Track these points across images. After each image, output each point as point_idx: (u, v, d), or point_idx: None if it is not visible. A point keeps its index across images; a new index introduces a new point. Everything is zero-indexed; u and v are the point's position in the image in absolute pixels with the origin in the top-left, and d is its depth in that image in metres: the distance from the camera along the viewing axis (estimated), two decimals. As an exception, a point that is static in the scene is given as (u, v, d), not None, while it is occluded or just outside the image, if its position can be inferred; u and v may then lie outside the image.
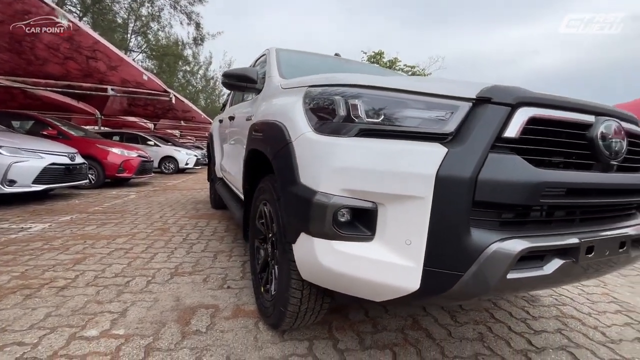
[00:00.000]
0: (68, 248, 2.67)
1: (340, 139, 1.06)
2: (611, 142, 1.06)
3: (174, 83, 29.78)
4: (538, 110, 0.98)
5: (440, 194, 0.92)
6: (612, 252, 1.09)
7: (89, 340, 1.44)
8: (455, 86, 1.05)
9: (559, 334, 1.67)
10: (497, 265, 0.91)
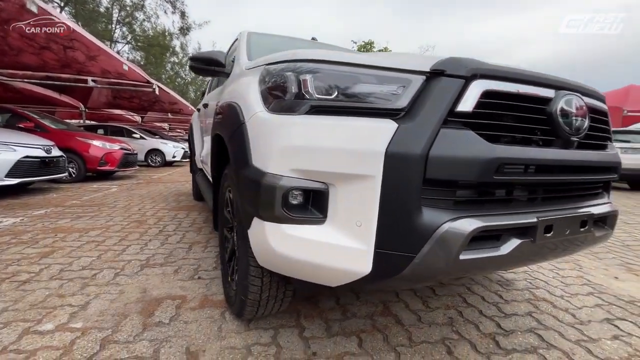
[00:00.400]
0: (37, 242, 2.59)
1: (290, 117, 1.00)
2: (572, 118, 1.02)
3: (162, 75, 29.15)
4: (493, 83, 0.93)
5: (390, 172, 0.87)
6: (573, 231, 1.07)
7: (43, 334, 1.38)
8: (410, 59, 0.99)
9: (529, 316, 1.66)
10: (449, 246, 0.88)
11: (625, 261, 2.61)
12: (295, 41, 2.71)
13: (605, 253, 2.80)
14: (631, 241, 3.23)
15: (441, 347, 1.38)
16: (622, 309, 1.78)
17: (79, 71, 7.79)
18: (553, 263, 2.50)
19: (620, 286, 2.10)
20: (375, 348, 1.36)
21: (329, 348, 1.35)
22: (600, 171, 1.15)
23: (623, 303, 1.85)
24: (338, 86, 0.99)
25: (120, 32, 23.96)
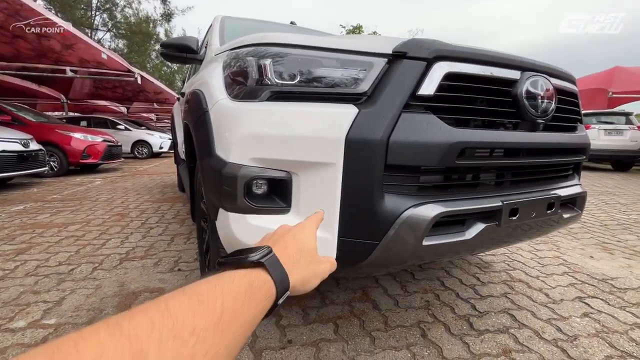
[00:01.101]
0: (14, 238, 2.53)
1: (250, 104, 0.96)
2: (538, 100, 1.00)
3: (147, 64, 28.30)
4: (456, 65, 0.91)
5: (351, 159, 0.85)
6: (539, 213, 1.07)
7: (14, 332, 1.36)
8: (372, 42, 0.96)
9: (504, 297, 1.70)
10: (412, 232, 0.87)
11: (601, 241, 2.68)
12: (271, 25, 2.63)
13: (583, 233, 2.87)
14: (609, 221, 3.31)
15: (416, 331, 1.40)
16: (594, 287, 1.83)
17: (56, 61, 7.51)
18: (531, 244, 2.55)
19: (595, 265, 2.16)
20: (351, 334, 1.37)
21: (304, 335, 1.36)
22: (567, 153, 1.16)
23: (595, 281, 1.90)
24: (300, 71, 0.95)
25: (101, 19, 23.07)
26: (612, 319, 1.51)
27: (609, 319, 1.50)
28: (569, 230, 2.95)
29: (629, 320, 1.49)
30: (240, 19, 2.54)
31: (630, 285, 1.87)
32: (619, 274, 2.02)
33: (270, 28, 2.55)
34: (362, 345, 1.30)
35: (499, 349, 1.28)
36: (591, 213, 3.65)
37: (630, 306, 1.63)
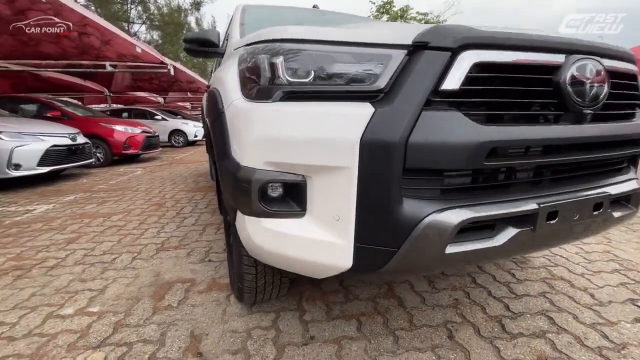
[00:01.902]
0: (65, 228, 2.77)
1: (262, 105, 0.93)
2: (586, 86, 0.87)
3: (180, 53, 29.11)
4: (486, 54, 0.80)
5: (366, 163, 0.80)
6: (583, 215, 0.96)
7: (64, 318, 1.50)
8: (391, 31, 0.88)
9: (542, 297, 1.58)
10: (434, 240, 0.81)
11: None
12: (293, 11, 2.54)
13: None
14: (673, 209, 2.95)
15: (442, 331, 1.35)
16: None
17: (96, 57, 7.93)
18: (578, 237, 2.34)
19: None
20: (374, 332, 1.35)
21: (327, 332, 1.36)
22: (622, 145, 1.01)
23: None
24: (313, 68, 0.90)
25: (136, 11, 23.91)
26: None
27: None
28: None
29: (692, 329, 1.33)
30: (262, 6, 2.48)
31: (696, 286, 1.65)
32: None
33: (291, 15, 2.46)
34: (385, 345, 1.27)
35: (534, 356, 1.20)
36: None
37: (694, 312, 1.44)
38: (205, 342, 1.32)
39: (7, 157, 4.01)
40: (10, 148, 4.06)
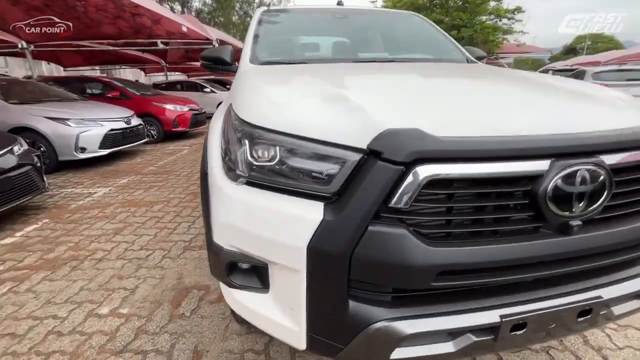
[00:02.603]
0: (115, 216, 3.18)
1: (231, 187, 0.96)
2: (572, 198, 0.75)
3: (232, 17, 29.18)
4: (444, 168, 0.72)
5: (314, 268, 0.81)
6: (564, 323, 0.87)
7: (100, 317, 1.79)
8: (353, 129, 0.82)
9: (545, 353, 1.49)
10: (379, 345, 0.82)
11: None
12: (315, 15, 2.40)
13: None
14: None
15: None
16: (683, 357, 1.45)
17: (149, 35, 8.38)
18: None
19: (703, 319, 1.68)
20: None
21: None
22: (622, 251, 0.86)
23: (690, 348, 1.50)
24: (277, 158, 0.89)
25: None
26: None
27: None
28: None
29: None
30: (281, 11, 2.40)
31: None
32: None
33: (310, 20, 2.34)
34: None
35: None
36: None
37: None
38: (205, 359, 1.50)
39: (74, 141, 4.60)
40: (77, 133, 4.63)
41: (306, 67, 1.68)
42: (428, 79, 1.43)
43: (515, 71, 1.72)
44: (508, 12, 18.17)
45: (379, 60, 1.94)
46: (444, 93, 1.13)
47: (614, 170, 0.78)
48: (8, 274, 2.24)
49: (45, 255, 2.47)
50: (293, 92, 1.13)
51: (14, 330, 1.70)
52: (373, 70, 1.63)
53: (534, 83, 1.41)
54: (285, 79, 1.35)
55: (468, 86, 1.31)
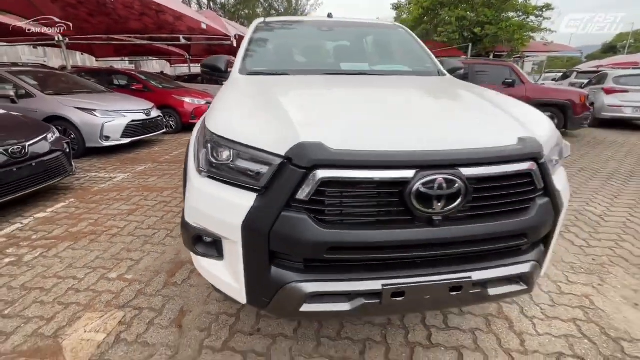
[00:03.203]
0: (130, 199, 3.61)
1: (196, 180, 1.28)
2: (432, 198, 1.01)
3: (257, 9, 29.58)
4: (334, 172, 1.00)
5: (246, 241, 1.11)
6: (438, 295, 1.13)
7: (109, 280, 2.18)
8: (279, 141, 1.10)
9: (471, 334, 1.73)
10: (291, 300, 1.11)
11: (679, 283, 2.16)
12: (304, 27, 2.67)
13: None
14: None
15: (359, 346, 1.65)
16: (594, 346, 1.66)
17: (171, 31, 8.88)
18: (569, 272, 2.27)
19: (630, 318, 1.86)
20: (305, 335, 1.72)
21: (270, 327, 1.77)
22: (484, 242, 1.11)
23: (604, 340, 1.70)
24: (228, 159, 1.19)
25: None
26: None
27: (570, 388, 1.43)
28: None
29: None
30: (275, 23, 2.67)
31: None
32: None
33: (301, 32, 2.61)
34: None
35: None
36: None
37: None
38: (187, 318, 1.85)
39: (99, 130, 5.11)
40: (102, 123, 5.13)
41: (282, 79, 1.98)
42: (371, 95, 1.68)
43: (457, 87, 1.91)
44: (536, 9, 17.49)
45: (352, 72, 2.19)
46: (367, 110, 1.39)
47: (470, 179, 1.03)
48: (40, 242, 2.69)
49: (70, 229, 2.91)
50: (247, 110, 1.42)
51: (42, 285, 2.12)
52: (333, 84, 1.89)
53: (453, 102, 1.65)
54: (252, 94, 1.65)
55: (395, 103, 1.56)
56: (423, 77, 2.20)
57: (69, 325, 1.78)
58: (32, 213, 3.25)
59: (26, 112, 4.53)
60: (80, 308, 1.91)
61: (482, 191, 1.07)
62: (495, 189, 1.09)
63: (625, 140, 7.16)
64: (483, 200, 1.09)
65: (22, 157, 3.15)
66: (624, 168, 4.94)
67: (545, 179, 1.15)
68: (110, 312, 1.89)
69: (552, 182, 1.18)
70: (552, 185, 1.18)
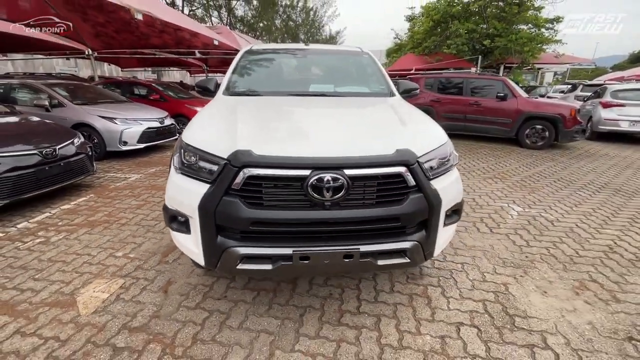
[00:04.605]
0: (140, 196, 4.20)
1: (173, 175, 1.79)
2: (323, 190, 1.47)
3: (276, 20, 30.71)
4: (256, 170, 1.48)
5: (201, 217, 1.60)
6: (335, 261, 1.58)
7: (116, 257, 2.72)
8: (225, 149, 1.59)
9: (394, 306, 2.14)
10: (231, 260, 1.59)
11: (593, 277, 2.49)
12: (285, 57, 3.20)
13: (580, 273, 2.66)
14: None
15: (295, 311, 2.09)
16: (492, 319, 2.03)
17: (188, 46, 9.69)
18: (498, 265, 2.63)
19: (533, 301, 2.21)
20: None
21: (235, 295, 2.24)
22: (362, 223, 1.55)
23: (501, 318, 2.07)
24: (193, 160, 1.70)
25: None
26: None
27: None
28: (571, 260, 2.76)
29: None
30: (260, 51, 3.21)
31: (543, 328, 1.97)
32: (546, 315, 2.08)
33: (282, 60, 3.14)
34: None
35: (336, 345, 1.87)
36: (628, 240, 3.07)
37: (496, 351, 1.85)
38: (172, 286, 2.35)
39: (118, 136, 5.80)
40: (121, 130, 5.82)
41: (253, 98, 2.49)
42: (310, 112, 2.18)
43: (388, 106, 2.36)
44: (547, 22, 17.57)
45: (316, 93, 2.68)
46: (297, 124, 1.88)
47: (351, 178, 1.48)
48: (64, 227, 3.28)
49: (89, 218, 3.50)
50: (212, 123, 1.93)
51: (64, 259, 2.68)
52: (288, 104, 2.38)
53: (368, 118, 2.16)
54: (223, 110, 2.17)
55: (322, 119, 2.05)
56: (373, 98, 2.66)
57: (82, 287, 2.31)
58: (59, 205, 3.87)
59: (58, 120, 5.26)
60: (92, 276, 2.45)
61: (365, 186, 1.52)
62: (374, 185, 1.54)
63: (617, 153, 7.28)
64: (366, 193, 1.54)
65: (53, 158, 3.80)
66: (599, 180, 5.16)
67: (416, 179, 1.59)
68: (114, 279, 2.41)
69: (424, 182, 1.61)
70: (425, 184, 1.61)
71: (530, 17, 17.71)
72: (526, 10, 17.77)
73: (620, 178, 5.32)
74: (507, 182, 4.98)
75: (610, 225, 3.47)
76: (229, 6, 25.81)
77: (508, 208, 3.92)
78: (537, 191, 4.57)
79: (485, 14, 18.48)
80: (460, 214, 1.99)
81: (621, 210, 3.91)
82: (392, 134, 1.80)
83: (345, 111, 2.27)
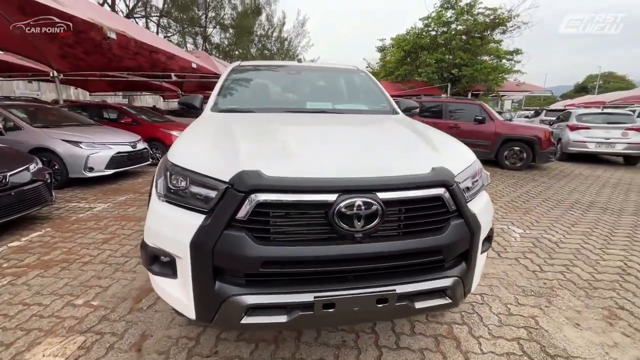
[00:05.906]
0: (107, 228, 3.67)
1: (154, 203, 1.43)
2: (354, 219, 1.18)
3: (251, 49, 31.21)
4: (268, 196, 1.17)
5: (193, 256, 1.24)
6: (366, 307, 1.26)
7: (75, 307, 2.22)
8: (225, 170, 1.28)
9: (419, 353, 1.82)
10: (233, 312, 1.23)
11: (620, 304, 2.32)
12: (274, 73, 2.98)
13: (604, 291, 2.50)
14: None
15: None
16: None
17: (164, 69, 9.34)
18: (518, 294, 2.41)
19: (569, 336, 1.98)
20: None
21: (228, 350, 1.83)
22: (404, 257, 1.27)
23: (544, 357, 1.81)
24: (182, 184, 1.36)
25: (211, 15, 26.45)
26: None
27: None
28: (590, 285, 2.59)
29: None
30: (251, 65, 2.97)
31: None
32: (589, 353, 1.84)
33: (271, 76, 2.91)
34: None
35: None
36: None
37: (549, 393, 1.57)
38: (148, 342, 1.89)
39: (84, 161, 5.23)
40: (87, 155, 5.27)
41: (246, 115, 2.21)
42: (318, 129, 1.92)
43: (401, 124, 2.14)
44: (507, 54, 19.05)
45: (315, 110, 2.45)
46: (307, 142, 1.60)
47: (385, 202, 1.21)
48: (10, 270, 2.71)
49: (42, 257, 2.95)
50: (205, 142, 1.62)
51: (6, 312, 2.14)
52: (289, 121, 2.12)
53: (388, 136, 1.90)
54: (214, 128, 1.86)
55: (335, 136, 1.79)
56: (376, 115, 2.46)
57: (27, 350, 1.80)
58: (6, 242, 3.27)
59: (13, 144, 4.65)
60: (42, 333, 1.94)
61: (399, 213, 1.25)
62: (411, 210, 1.27)
63: (590, 173, 7.60)
64: (401, 221, 1.26)
65: (2, 186, 3.24)
66: (585, 199, 5.25)
67: (457, 202, 1.34)
68: (71, 337, 1.92)
69: (464, 206, 1.37)
70: (465, 208, 1.37)
71: (492, 49, 19.17)
72: (487, 43, 19.25)
73: (602, 197, 5.44)
74: (499, 203, 4.93)
75: (613, 245, 3.40)
76: (205, 33, 25.97)
77: (509, 230, 3.78)
78: (530, 212, 4.52)
79: (450, 45, 19.80)
80: (491, 241, 1.75)
81: (616, 229, 3.90)
82: (419, 151, 1.57)
83: (356, 128, 2.04)
